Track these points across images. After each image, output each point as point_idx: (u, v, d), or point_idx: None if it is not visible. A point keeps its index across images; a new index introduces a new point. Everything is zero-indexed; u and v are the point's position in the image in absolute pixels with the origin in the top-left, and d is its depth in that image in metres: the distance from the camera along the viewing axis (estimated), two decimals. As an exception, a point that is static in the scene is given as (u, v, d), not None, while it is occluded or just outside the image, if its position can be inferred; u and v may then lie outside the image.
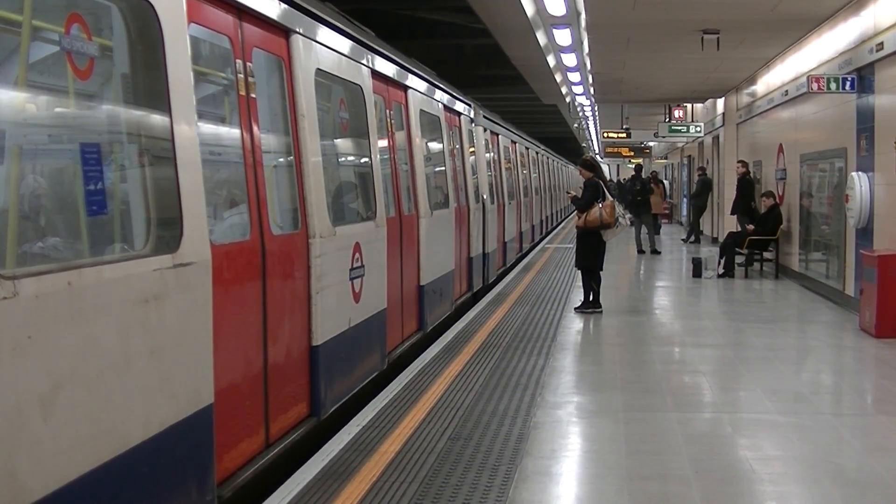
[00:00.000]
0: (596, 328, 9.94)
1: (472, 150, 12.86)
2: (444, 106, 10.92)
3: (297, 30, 5.58)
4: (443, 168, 10.70)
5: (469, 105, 12.96)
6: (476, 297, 12.50)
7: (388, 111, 8.15)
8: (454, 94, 11.82)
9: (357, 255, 6.44)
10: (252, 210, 4.87)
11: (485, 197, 13.49)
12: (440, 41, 17.23)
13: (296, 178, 5.57)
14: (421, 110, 9.34)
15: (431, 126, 10.26)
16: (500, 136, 16.56)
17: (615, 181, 37.54)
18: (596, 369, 7.89)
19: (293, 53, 5.54)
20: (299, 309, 5.48)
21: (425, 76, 9.75)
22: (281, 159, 5.61)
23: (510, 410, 6.23)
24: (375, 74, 7.53)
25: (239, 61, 4.84)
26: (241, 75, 4.85)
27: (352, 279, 6.34)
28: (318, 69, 5.95)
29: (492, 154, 15.31)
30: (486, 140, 14.50)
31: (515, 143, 19.29)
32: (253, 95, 4.96)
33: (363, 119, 7.19)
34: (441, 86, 10.82)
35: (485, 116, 14.51)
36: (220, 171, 5.12)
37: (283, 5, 5.40)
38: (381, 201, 7.28)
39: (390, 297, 7.49)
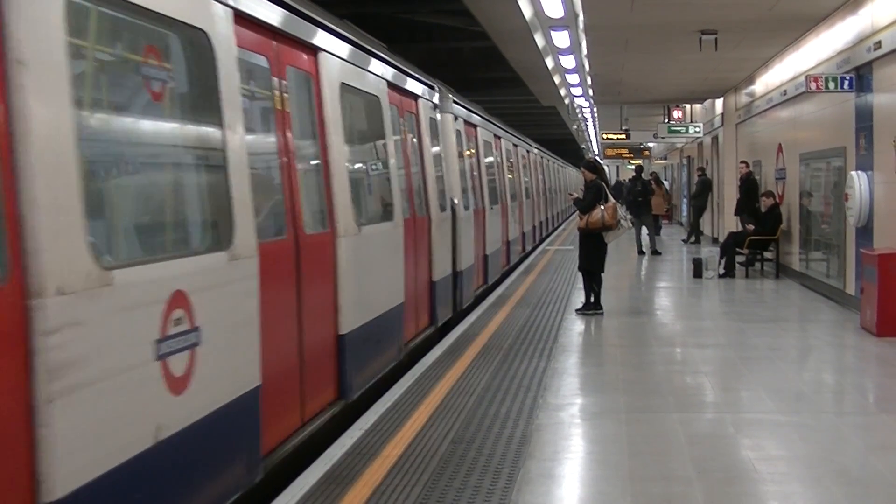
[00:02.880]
0: (597, 330, 9.95)
1: (435, 143, 10.48)
2: (389, 83, 8.22)
3: None
4: (384, 167, 8.07)
5: (432, 87, 10.47)
6: (444, 330, 9.99)
7: (278, 80, 5.55)
8: (409, 70, 9.20)
9: (179, 312, 3.94)
10: None
11: (455, 203, 10.98)
12: (439, 44, 17.27)
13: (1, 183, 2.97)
14: (343, 84, 6.69)
15: (367, 108, 7.76)
16: (479, 129, 13.92)
17: (616, 180, 37.54)
18: (598, 371, 7.90)
19: None
20: (11, 439, 2.96)
21: (355, 40, 7.18)
22: None
23: (512, 413, 6.23)
24: (245, 20, 5.00)
25: None
26: None
27: (164, 357, 3.78)
28: None
29: (467, 150, 12.61)
30: (458, 132, 11.81)
31: (500, 138, 16.80)
32: None
33: (207, 86, 4.55)
34: (385, 57, 8.23)
35: (455, 102, 11.76)
36: None
37: None
38: (244, 219, 4.63)
39: (272, 365, 4.94)
